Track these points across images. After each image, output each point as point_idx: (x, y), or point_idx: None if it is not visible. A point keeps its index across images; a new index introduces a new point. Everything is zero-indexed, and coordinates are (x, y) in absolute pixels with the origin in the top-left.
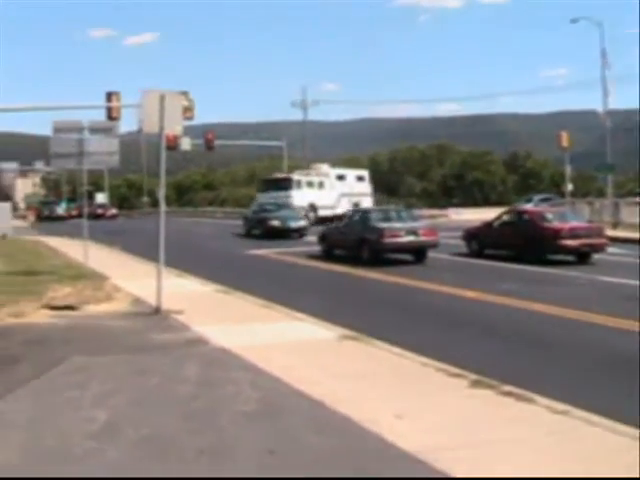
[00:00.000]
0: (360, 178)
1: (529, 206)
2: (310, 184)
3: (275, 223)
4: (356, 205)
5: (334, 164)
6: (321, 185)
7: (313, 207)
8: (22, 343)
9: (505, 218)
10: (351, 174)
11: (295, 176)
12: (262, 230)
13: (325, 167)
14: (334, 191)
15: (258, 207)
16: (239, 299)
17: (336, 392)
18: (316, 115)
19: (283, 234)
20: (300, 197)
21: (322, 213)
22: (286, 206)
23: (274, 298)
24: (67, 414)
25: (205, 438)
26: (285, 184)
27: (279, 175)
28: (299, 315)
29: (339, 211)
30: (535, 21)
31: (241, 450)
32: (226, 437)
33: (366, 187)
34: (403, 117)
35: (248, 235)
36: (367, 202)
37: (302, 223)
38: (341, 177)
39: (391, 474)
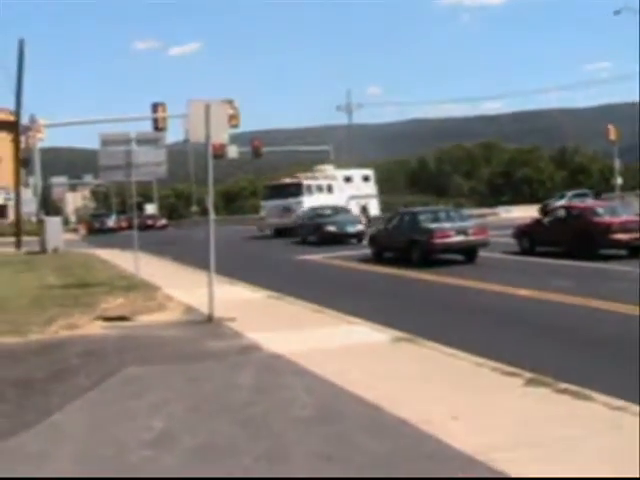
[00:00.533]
0: (366, 178)
1: (561, 203)
2: (319, 188)
3: (331, 228)
4: (364, 209)
5: (380, 166)
6: (330, 189)
7: None
8: (77, 355)
9: (556, 214)
10: (357, 174)
11: (305, 181)
12: (318, 236)
13: (330, 168)
14: (342, 194)
15: (312, 212)
16: (291, 304)
17: (391, 395)
18: (362, 118)
19: (340, 239)
20: (311, 204)
21: None
22: (342, 210)
23: (326, 302)
24: (123, 424)
25: (262, 444)
26: (295, 190)
27: (287, 180)
28: (352, 319)
29: None
30: (577, 15)
31: (298, 455)
32: (283, 443)
33: (372, 188)
34: (449, 117)
35: (304, 242)
36: (373, 204)
37: (360, 227)
38: (348, 179)
39: (448, 475)
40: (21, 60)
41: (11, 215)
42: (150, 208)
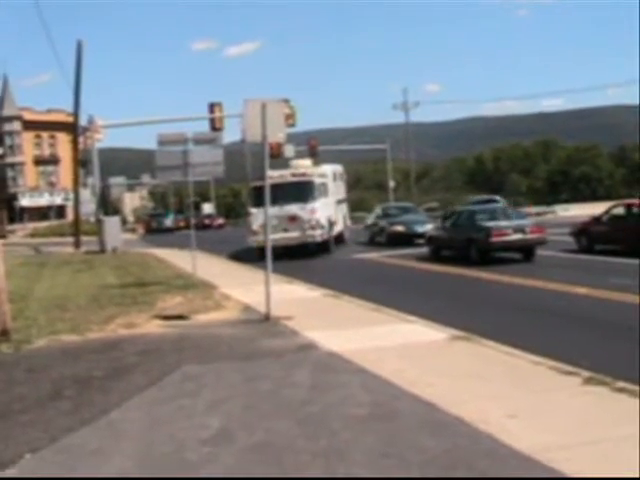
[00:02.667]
0: (341, 175)
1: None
2: (326, 189)
3: (399, 229)
4: (343, 216)
5: (438, 164)
6: (326, 190)
7: (330, 224)
8: (135, 353)
9: (615, 212)
10: (338, 171)
11: (316, 178)
12: (386, 237)
13: (309, 164)
14: (332, 197)
15: (381, 212)
16: (348, 303)
17: (448, 393)
18: (419, 116)
19: (409, 240)
20: (322, 211)
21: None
22: (410, 209)
23: (383, 301)
24: (180, 421)
25: (318, 442)
26: (303, 191)
27: (290, 178)
28: (409, 317)
29: (339, 227)
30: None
31: (355, 453)
32: (339, 441)
33: (343, 188)
34: (508, 114)
35: (371, 243)
36: (344, 209)
37: (429, 227)
38: (335, 176)
39: (505, 474)
40: (79, 62)
41: (70, 215)
42: (207, 208)
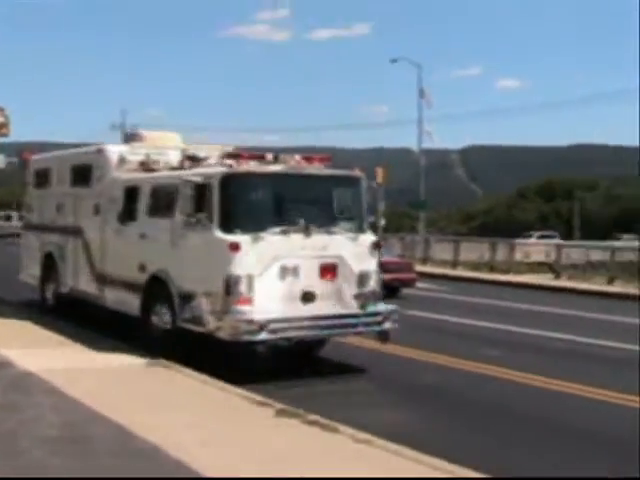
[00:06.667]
0: None
1: None
2: None
3: None
4: None
5: None
6: None
7: None
8: None
9: None
10: None
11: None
12: None
13: (175, 137)
14: None
15: None
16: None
17: (142, 418)
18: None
19: None
20: None
21: None
22: None
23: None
24: None
25: (7, 462)
26: (339, 200)
27: (301, 168)
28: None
29: None
30: (356, 58)
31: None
32: (28, 462)
33: None
34: (226, 144)
35: None
36: None
37: None
38: None
39: None
40: None
41: None
42: None
